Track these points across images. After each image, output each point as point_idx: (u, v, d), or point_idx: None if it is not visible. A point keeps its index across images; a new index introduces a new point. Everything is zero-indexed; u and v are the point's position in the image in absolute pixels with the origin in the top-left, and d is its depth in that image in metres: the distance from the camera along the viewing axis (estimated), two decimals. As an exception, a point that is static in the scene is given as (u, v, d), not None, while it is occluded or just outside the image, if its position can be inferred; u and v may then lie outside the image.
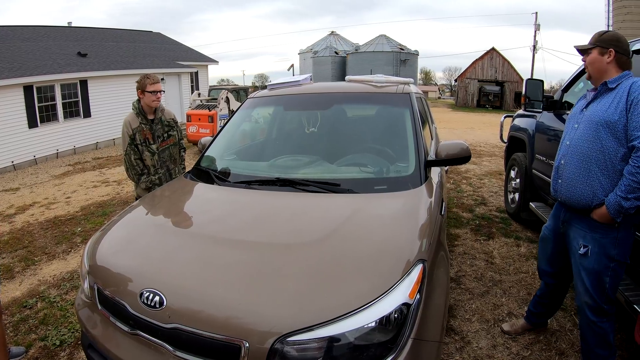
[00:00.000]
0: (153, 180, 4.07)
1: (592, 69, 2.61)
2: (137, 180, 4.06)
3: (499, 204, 7.07)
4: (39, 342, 3.47)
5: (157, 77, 3.98)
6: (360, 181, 2.77)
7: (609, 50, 2.51)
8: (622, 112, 2.39)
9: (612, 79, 2.52)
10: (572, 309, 3.76)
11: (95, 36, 20.89)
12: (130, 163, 3.99)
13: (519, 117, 6.22)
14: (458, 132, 18.24)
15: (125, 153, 3.99)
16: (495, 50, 39.46)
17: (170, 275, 2.01)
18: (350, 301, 1.70)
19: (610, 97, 2.49)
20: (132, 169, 4.02)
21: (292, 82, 4.00)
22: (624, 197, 2.35)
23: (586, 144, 2.53)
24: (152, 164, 4.07)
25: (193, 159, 11.84)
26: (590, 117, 2.55)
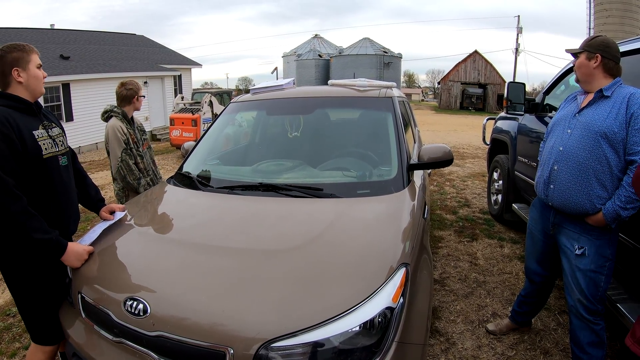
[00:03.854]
0: (148, 182, 4.04)
1: (579, 73, 2.64)
2: (138, 185, 3.95)
3: (482, 206, 7.14)
4: (23, 350, 3.40)
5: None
6: (343, 185, 2.77)
7: (596, 56, 2.53)
8: (621, 124, 2.39)
9: (607, 86, 2.52)
10: (556, 308, 3.81)
11: (78, 39, 20.70)
12: (129, 168, 3.89)
13: (501, 120, 6.28)
14: (441, 135, 18.38)
15: (120, 160, 3.86)
16: (478, 53, 39.86)
17: (154, 282, 2.00)
18: (334, 306, 1.70)
19: (608, 105, 2.48)
20: (131, 174, 3.91)
21: (274, 87, 3.99)
22: (622, 207, 2.38)
23: (583, 152, 2.51)
24: (144, 167, 4.04)
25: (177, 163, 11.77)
26: (586, 124, 2.53)
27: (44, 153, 2.30)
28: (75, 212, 2.64)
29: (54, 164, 2.39)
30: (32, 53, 2.33)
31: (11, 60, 2.26)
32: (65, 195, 2.50)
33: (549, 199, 2.74)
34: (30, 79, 2.31)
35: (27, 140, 2.21)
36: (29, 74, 2.30)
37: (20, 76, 2.28)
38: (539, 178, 2.87)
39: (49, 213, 2.35)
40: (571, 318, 2.74)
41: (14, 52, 2.27)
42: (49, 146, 2.35)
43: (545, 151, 2.81)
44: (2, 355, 3.36)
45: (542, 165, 2.84)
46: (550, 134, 2.83)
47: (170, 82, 21.38)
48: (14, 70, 2.27)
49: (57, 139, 2.46)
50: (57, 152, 2.42)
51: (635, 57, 3.14)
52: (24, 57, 2.28)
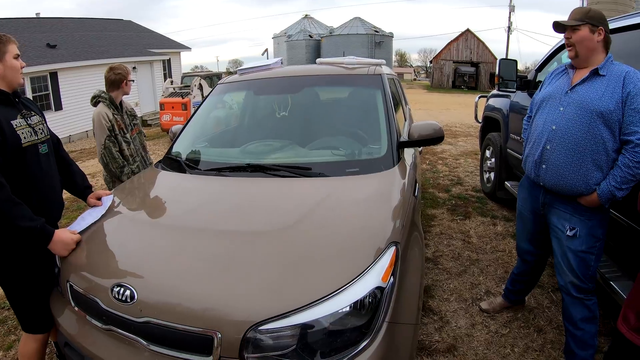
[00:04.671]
0: (133, 169, 3.98)
1: (580, 47, 2.48)
2: (120, 173, 3.89)
3: (475, 184, 7.13)
4: (18, 343, 3.35)
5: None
6: (331, 164, 2.73)
7: (599, 29, 2.43)
8: (617, 103, 2.33)
9: (601, 64, 2.44)
10: (549, 286, 3.82)
11: (64, 26, 20.38)
12: (112, 156, 3.83)
13: (493, 97, 6.25)
14: (433, 113, 18.35)
15: (104, 147, 3.80)
16: (470, 31, 39.63)
17: (141, 268, 1.98)
18: (323, 286, 1.68)
19: (602, 83, 2.41)
20: (113, 162, 3.86)
21: (262, 66, 3.94)
22: (618, 188, 2.35)
23: (579, 132, 2.44)
24: (130, 153, 3.97)
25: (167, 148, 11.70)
26: (580, 102, 2.45)
27: (23, 142, 2.27)
28: (58, 200, 2.61)
29: (34, 153, 2.36)
30: (9, 43, 2.28)
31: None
32: (46, 183, 2.46)
33: (541, 179, 2.68)
34: (6, 70, 2.26)
35: (6, 130, 2.18)
36: (5, 65, 2.25)
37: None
38: (527, 156, 2.81)
39: (31, 201, 2.31)
40: (563, 296, 2.74)
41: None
42: (27, 135, 2.31)
43: (536, 129, 2.72)
44: (-1, 348, 3.33)
45: (531, 143, 2.77)
46: (539, 110, 2.73)
47: (160, 67, 21.20)
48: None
49: (36, 127, 2.42)
50: (36, 140, 2.38)
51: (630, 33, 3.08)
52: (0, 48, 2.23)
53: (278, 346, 1.63)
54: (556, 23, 2.58)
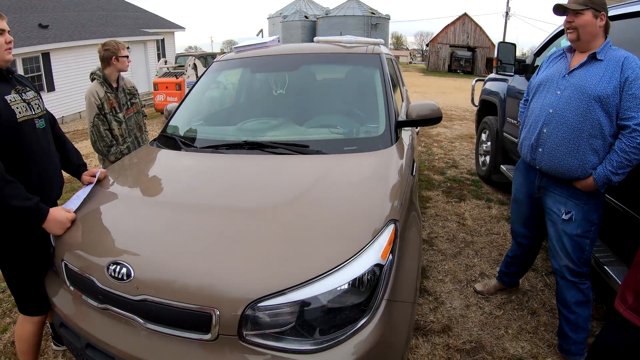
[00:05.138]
0: (122, 150, 3.93)
1: (583, 32, 2.45)
2: (107, 152, 3.87)
3: (470, 167, 7.14)
4: (14, 326, 3.33)
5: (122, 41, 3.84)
6: (329, 142, 2.71)
7: (602, 14, 2.40)
8: (615, 88, 2.31)
9: (600, 49, 2.42)
10: (544, 269, 3.84)
11: (56, 6, 20.03)
12: (99, 134, 3.81)
13: (490, 81, 6.22)
14: (429, 97, 18.28)
15: (92, 124, 3.77)
16: (468, 15, 39.46)
17: (137, 245, 1.95)
18: (322, 263, 1.67)
19: (600, 68, 2.39)
20: (101, 141, 3.83)
21: (259, 44, 3.88)
22: (614, 172, 2.34)
23: (576, 116, 2.43)
24: (120, 133, 3.92)
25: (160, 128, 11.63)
26: (578, 86, 2.43)
27: (18, 117, 2.22)
28: (58, 176, 2.57)
29: (30, 128, 2.31)
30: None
31: None
32: (46, 159, 2.42)
33: (537, 162, 2.67)
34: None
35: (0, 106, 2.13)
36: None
37: None
38: (523, 140, 2.80)
39: (30, 178, 2.28)
40: (557, 279, 2.75)
41: None
42: (22, 110, 2.26)
43: (533, 112, 2.70)
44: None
45: (527, 127, 2.75)
46: (536, 93, 2.72)
47: (153, 47, 20.99)
48: None
49: (32, 102, 2.37)
50: (32, 115, 2.34)
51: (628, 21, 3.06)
52: None
53: (277, 323, 1.62)
54: (558, 6, 2.53)
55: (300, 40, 36.35)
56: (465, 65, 39.12)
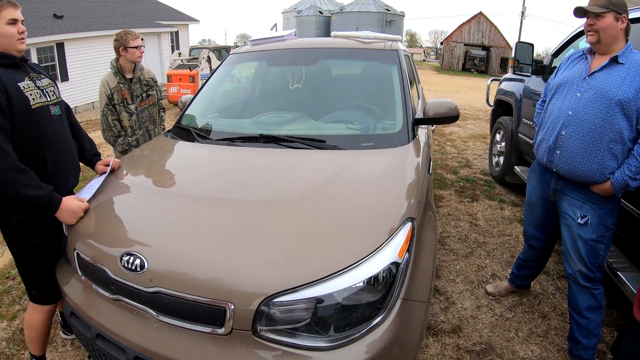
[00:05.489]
0: (130, 142, 3.94)
1: (604, 35, 2.41)
2: (114, 142, 3.91)
3: (483, 167, 7.09)
4: (23, 313, 3.38)
5: (137, 32, 3.82)
6: (346, 138, 2.69)
7: (622, 16, 2.37)
8: (637, 91, 2.27)
9: (621, 52, 2.38)
10: (555, 273, 3.81)
11: (71, -3, 20.17)
12: (108, 124, 3.84)
13: (506, 81, 6.17)
14: (443, 95, 18.18)
15: (102, 114, 3.84)
16: (483, 14, 39.14)
17: (151, 237, 1.94)
18: (338, 260, 1.66)
19: (622, 71, 2.35)
20: (109, 131, 3.87)
21: (275, 38, 3.87)
22: (632, 178, 2.31)
23: (596, 119, 2.38)
24: (130, 125, 3.93)
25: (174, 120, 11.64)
26: (599, 89, 2.39)
27: (32, 103, 2.22)
28: (75, 163, 2.57)
29: (46, 114, 2.31)
30: (2, 9, 2.16)
31: None
32: (62, 146, 2.42)
33: (554, 165, 2.63)
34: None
35: (12, 93, 2.12)
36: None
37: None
38: (540, 142, 2.76)
39: (46, 165, 2.29)
40: (570, 283, 2.72)
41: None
42: (36, 96, 2.26)
43: (551, 114, 2.66)
44: (3, 318, 3.34)
45: (545, 129, 2.70)
46: (555, 95, 2.68)
47: (167, 39, 21.03)
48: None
49: (46, 89, 2.36)
50: (47, 102, 2.33)
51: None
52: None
53: (291, 319, 1.61)
54: (578, 8, 2.49)
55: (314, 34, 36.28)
56: (480, 64, 38.88)
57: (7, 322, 3.29)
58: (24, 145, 2.18)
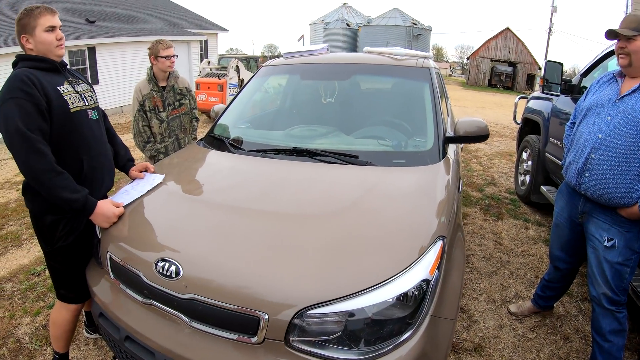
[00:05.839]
0: (159, 148, 4.04)
1: (635, 58, 2.40)
2: (143, 147, 4.02)
3: (509, 185, 7.03)
4: (47, 309, 3.48)
5: (170, 41, 3.91)
6: (378, 154, 2.72)
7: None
8: None
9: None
10: (579, 294, 3.77)
11: (103, 3, 20.58)
12: (138, 129, 3.96)
13: (534, 99, 6.12)
14: (469, 111, 18.08)
15: (133, 119, 3.97)
16: (510, 30, 38.79)
17: (186, 244, 1.98)
18: (371, 276, 1.68)
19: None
20: (139, 136, 3.98)
21: (309, 51, 3.92)
22: None
23: (625, 142, 2.38)
24: (160, 132, 4.03)
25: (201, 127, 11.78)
26: (630, 113, 2.38)
27: (71, 107, 2.29)
28: (110, 167, 2.64)
29: (84, 118, 2.38)
30: (40, 17, 2.23)
31: (19, 28, 2.24)
32: (98, 150, 2.49)
33: (582, 187, 2.63)
34: (38, 45, 2.25)
35: (52, 96, 2.20)
36: (35, 40, 2.24)
37: (29, 42, 2.25)
38: (569, 164, 2.75)
39: (82, 168, 2.35)
40: (594, 306, 2.69)
41: (23, 18, 2.23)
42: (75, 100, 2.34)
43: (581, 137, 2.66)
44: (27, 314, 3.43)
45: (574, 151, 2.71)
46: (585, 118, 2.68)
47: (197, 47, 21.31)
48: (22, 37, 2.25)
49: (85, 94, 2.44)
50: (85, 106, 2.41)
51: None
52: (29, 23, 2.22)
53: (323, 331, 1.64)
54: (610, 31, 2.50)
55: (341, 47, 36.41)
56: (506, 80, 38.47)
57: (30, 317, 3.39)
58: (62, 148, 2.25)
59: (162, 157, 3.98)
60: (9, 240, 4.94)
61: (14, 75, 2.15)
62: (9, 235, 5.10)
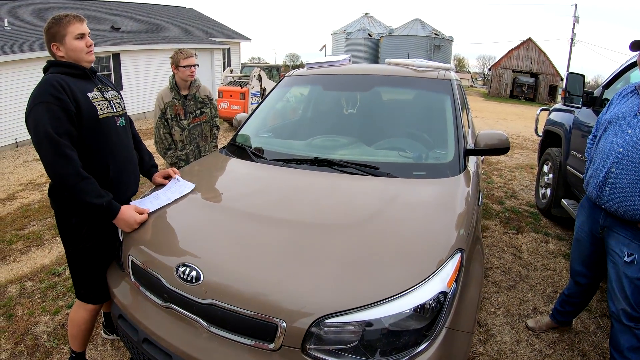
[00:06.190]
0: (179, 155, 4.12)
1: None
2: (164, 154, 4.11)
3: (530, 198, 6.96)
4: (66, 309, 3.56)
5: (191, 51, 3.98)
6: (399, 165, 2.74)
7: None
8: None
9: None
10: (598, 310, 3.72)
11: (128, 11, 21.05)
12: (159, 136, 4.05)
13: (555, 111, 6.07)
14: (490, 123, 17.97)
15: (155, 126, 4.06)
16: (532, 40, 38.44)
17: (207, 250, 2.02)
18: (389, 287, 1.69)
19: None
20: (160, 143, 4.07)
21: (331, 62, 3.96)
22: None
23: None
24: (181, 139, 4.11)
25: (223, 134, 11.91)
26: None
27: (100, 114, 2.36)
28: (135, 172, 2.71)
29: (112, 125, 2.45)
30: (70, 25, 2.30)
31: (49, 37, 2.31)
32: (125, 156, 2.55)
33: (603, 202, 2.61)
34: (68, 52, 2.32)
35: (82, 102, 2.27)
36: (66, 47, 2.31)
37: (59, 50, 2.32)
38: (590, 177, 2.74)
39: (109, 173, 2.41)
40: (613, 322, 2.66)
41: (53, 27, 2.29)
42: (104, 107, 2.40)
43: (602, 150, 2.64)
44: (46, 312, 3.51)
45: (595, 165, 2.69)
46: (606, 131, 2.67)
47: (219, 56, 21.54)
48: (52, 46, 2.32)
49: (113, 100, 2.51)
50: (113, 113, 2.48)
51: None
52: (59, 31, 2.29)
53: (340, 341, 1.65)
54: (635, 42, 2.50)
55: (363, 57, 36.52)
56: (528, 91, 38.07)
57: (49, 316, 3.47)
58: (90, 153, 2.32)
59: (183, 164, 4.06)
60: (31, 240, 5.07)
61: (44, 80, 2.22)
62: (31, 235, 5.23)
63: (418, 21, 36.98)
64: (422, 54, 32.59)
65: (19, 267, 4.39)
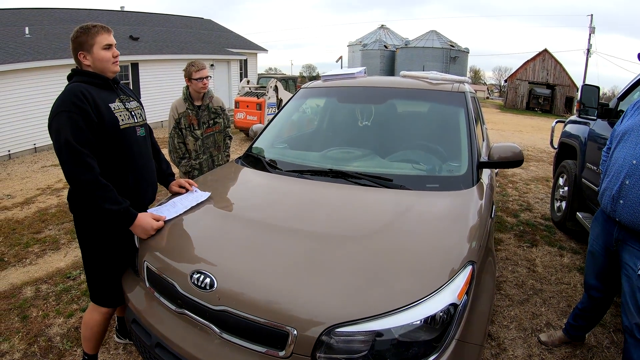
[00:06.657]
0: (193, 164, 4.20)
1: None
2: (178, 163, 4.19)
3: (545, 211, 6.91)
4: (80, 312, 3.61)
5: (203, 63, 4.05)
6: (412, 178, 2.76)
7: None
8: None
9: None
10: (612, 325, 3.67)
11: (147, 21, 21.41)
12: (173, 146, 4.13)
13: (571, 124, 6.03)
14: (506, 135, 17.85)
15: (169, 136, 4.14)
16: (548, 52, 38.18)
17: (222, 258, 2.06)
18: (399, 297, 1.71)
19: None
20: (174, 152, 4.16)
21: (346, 75, 4.00)
22: None
23: None
24: (195, 149, 4.18)
25: (239, 145, 12.00)
26: None
27: (121, 124, 2.42)
28: (153, 181, 2.76)
29: (132, 135, 2.51)
30: (98, 35, 2.38)
31: (76, 45, 2.38)
32: (144, 166, 2.61)
33: (617, 214, 2.59)
34: (95, 62, 2.39)
35: (104, 112, 2.33)
36: (93, 57, 2.38)
37: (86, 59, 2.39)
38: (604, 190, 2.72)
39: (128, 181, 2.47)
40: (626, 337, 2.62)
41: (81, 36, 2.36)
42: (125, 117, 2.46)
43: (616, 162, 2.63)
44: (60, 315, 3.58)
45: (609, 177, 2.68)
46: (620, 143, 2.65)
47: (237, 66, 21.75)
48: (80, 54, 2.39)
49: (134, 111, 2.58)
50: (134, 123, 2.54)
51: None
52: (87, 40, 2.36)
53: (350, 350, 1.67)
54: None
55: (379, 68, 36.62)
56: (544, 103, 37.74)
57: (63, 318, 3.53)
58: (110, 161, 2.38)
59: (197, 173, 4.14)
60: (47, 243, 5.17)
61: (68, 89, 2.29)
62: (48, 238, 5.33)
63: (434, 33, 37.01)
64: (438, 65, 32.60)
65: (34, 270, 4.48)
